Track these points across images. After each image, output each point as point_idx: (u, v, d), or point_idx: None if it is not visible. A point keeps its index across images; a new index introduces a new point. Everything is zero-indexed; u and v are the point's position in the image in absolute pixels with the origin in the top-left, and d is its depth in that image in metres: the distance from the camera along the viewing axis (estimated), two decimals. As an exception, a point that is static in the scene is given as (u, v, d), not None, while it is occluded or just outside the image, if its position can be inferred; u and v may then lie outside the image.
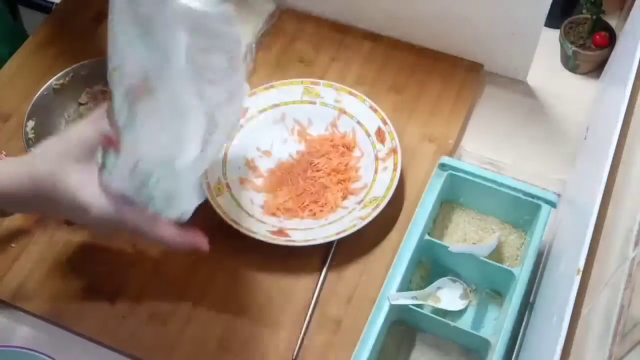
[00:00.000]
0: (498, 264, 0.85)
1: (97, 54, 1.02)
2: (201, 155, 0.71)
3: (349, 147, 0.99)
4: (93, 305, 0.89)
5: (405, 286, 0.86)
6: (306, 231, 0.91)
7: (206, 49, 0.69)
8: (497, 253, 0.89)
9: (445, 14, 1.03)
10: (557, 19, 1.04)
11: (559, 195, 0.89)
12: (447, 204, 0.93)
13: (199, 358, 0.85)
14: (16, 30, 1.25)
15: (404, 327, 0.86)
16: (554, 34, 1.07)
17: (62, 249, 0.93)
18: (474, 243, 0.90)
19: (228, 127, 0.74)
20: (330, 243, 0.91)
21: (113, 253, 0.93)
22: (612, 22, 1.07)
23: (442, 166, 0.90)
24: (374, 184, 0.94)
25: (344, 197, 0.95)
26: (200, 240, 0.76)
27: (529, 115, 1.05)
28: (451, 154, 0.99)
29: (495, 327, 0.84)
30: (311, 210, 0.94)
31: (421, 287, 0.87)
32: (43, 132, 0.97)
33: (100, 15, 1.15)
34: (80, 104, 1.02)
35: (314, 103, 1.02)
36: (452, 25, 1.04)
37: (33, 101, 0.96)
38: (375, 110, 0.99)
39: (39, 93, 0.97)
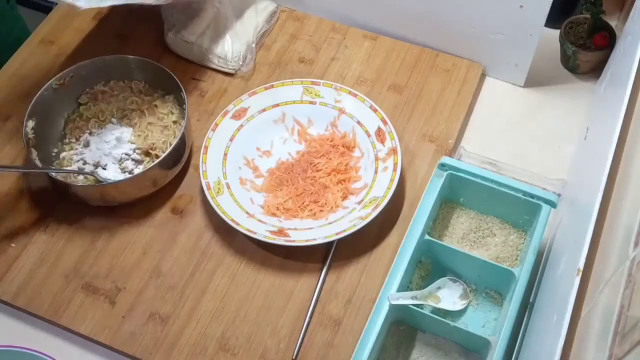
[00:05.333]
0: (498, 264, 0.85)
1: (97, 54, 1.02)
2: None
3: (349, 147, 0.99)
4: (93, 305, 0.89)
5: (405, 286, 0.86)
6: (306, 231, 0.91)
7: None
8: (497, 253, 0.89)
9: (445, 14, 1.03)
10: (557, 19, 1.04)
11: (559, 195, 0.89)
12: (447, 204, 0.93)
13: (199, 358, 0.85)
14: (8, 12, 1.24)
15: (404, 327, 0.86)
16: (554, 34, 1.07)
17: (62, 249, 0.93)
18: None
19: None
20: (330, 243, 0.91)
21: (113, 253, 0.93)
22: (612, 22, 1.07)
23: (442, 166, 0.90)
24: (374, 184, 0.94)
25: (344, 197, 0.95)
26: None
27: (528, 115, 1.05)
28: (451, 154, 0.99)
29: (495, 327, 0.84)
30: (311, 210, 0.94)
31: (421, 287, 0.87)
32: (43, 132, 0.97)
33: (101, 15, 1.15)
34: (80, 104, 1.02)
35: (314, 103, 1.02)
36: (452, 25, 1.04)
37: (33, 101, 0.96)
38: (375, 110, 0.99)
39: (39, 93, 0.97)
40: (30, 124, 0.95)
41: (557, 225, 0.89)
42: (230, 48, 1.07)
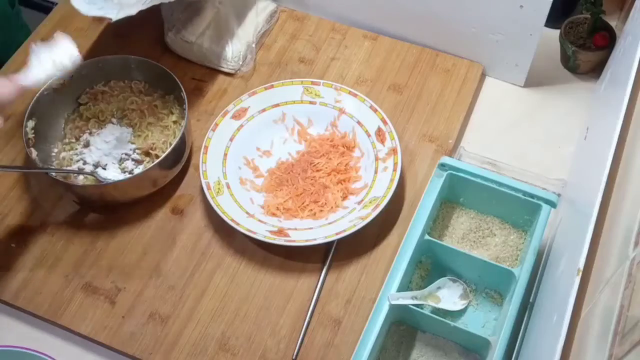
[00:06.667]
0: (498, 264, 0.85)
1: (97, 54, 1.02)
2: None
3: (349, 147, 0.99)
4: (93, 305, 0.89)
5: (405, 286, 0.86)
6: (306, 231, 0.91)
7: None
8: (497, 253, 0.89)
9: (445, 14, 1.03)
10: (557, 19, 1.04)
11: (559, 195, 0.89)
12: (447, 204, 0.93)
13: (199, 358, 0.85)
14: (13, 19, 1.24)
15: (404, 327, 0.86)
16: (554, 34, 1.07)
17: (62, 249, 0.93)
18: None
19: None
20: (330, 243, 0.91)
21: (113, 253, 0.93)
22: (612, 22, 1.07)
23: (442, 166, 0.90)
24: (374, 184, 0.94)
25: (344, 197, 0.95)
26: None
27: (528, 115, 1.05)
28: (451, 154, 0.99)
29: (495, 327, 0.84)
30: (311, 210, 0.94)
31: (421, 287, 0.87)
32: (43, 132, 0.97)
33: (100, 15, 1.15)
34: (80, 104, 1.02)
35: (314, 103, 1.02)
36: (452, 25, 1.04)
37: (33, 101, 0.96)
38: (375, 110, 0.99)
39: (39, 93, 0.97)
40: (30, 124, 0.95)
41: (557, 225, 0.89)
42: (230, 48, 1.07)
